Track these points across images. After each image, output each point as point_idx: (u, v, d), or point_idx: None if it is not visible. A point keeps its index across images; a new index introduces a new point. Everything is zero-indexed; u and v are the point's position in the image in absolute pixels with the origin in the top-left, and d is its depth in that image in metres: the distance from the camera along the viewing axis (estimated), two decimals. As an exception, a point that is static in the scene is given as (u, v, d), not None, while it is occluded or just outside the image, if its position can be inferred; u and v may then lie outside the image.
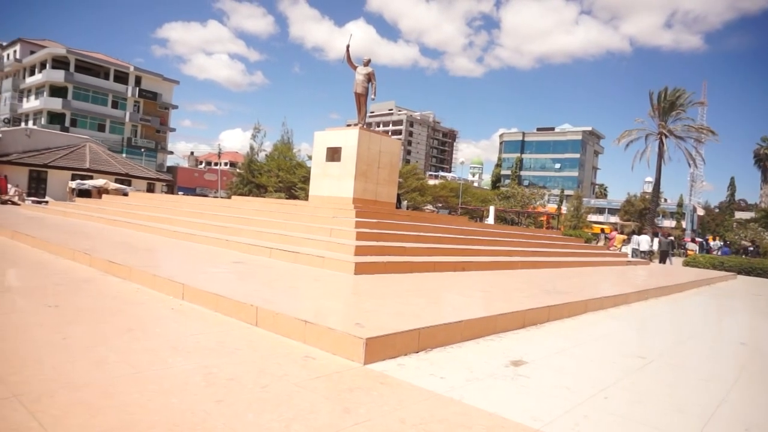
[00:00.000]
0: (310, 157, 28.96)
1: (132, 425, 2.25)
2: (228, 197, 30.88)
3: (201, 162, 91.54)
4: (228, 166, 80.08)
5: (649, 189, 62.32)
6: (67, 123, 54.12)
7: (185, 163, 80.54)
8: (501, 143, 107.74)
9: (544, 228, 42.88)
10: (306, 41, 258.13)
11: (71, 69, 55.16)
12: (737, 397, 3.58)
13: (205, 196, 41.05)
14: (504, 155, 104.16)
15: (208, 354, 3.36)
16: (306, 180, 28.30)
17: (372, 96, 13.14)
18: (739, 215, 71.72)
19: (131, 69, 59.70)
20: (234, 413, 2.47)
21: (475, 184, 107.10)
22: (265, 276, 6.26)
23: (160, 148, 62.73)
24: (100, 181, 26.72)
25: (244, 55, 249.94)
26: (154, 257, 7.46)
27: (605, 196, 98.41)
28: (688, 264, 21.76)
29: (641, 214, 62.13)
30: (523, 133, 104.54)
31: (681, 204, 75.08)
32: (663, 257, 23.24)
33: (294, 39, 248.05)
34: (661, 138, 39.27)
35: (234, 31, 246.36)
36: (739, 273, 19.43)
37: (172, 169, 59.86)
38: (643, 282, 10.74)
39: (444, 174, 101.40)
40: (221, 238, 9.08)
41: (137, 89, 59.61)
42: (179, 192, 46.63)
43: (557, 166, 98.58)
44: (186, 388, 2.72)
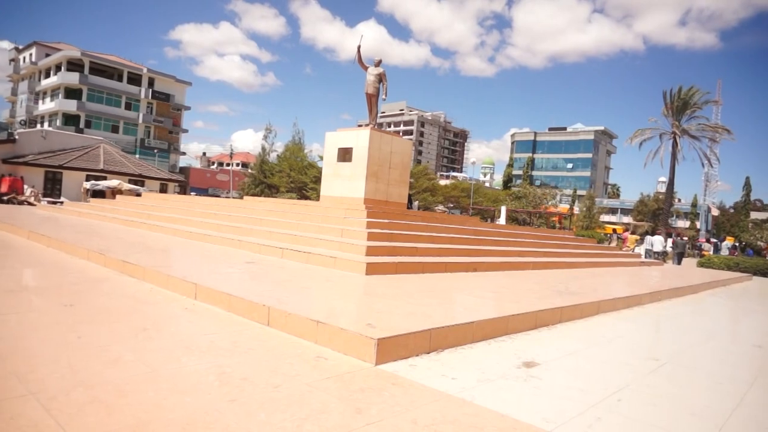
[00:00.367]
0: (321, 158, 29.04)
1: (146, 423, 2.28)
2: (240, 197, 31.07)
3: (213, 163, 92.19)
4: (240, 166, 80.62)
5: (663, 189, 61.70)
6: (82, 124, 54.85)
7: (197, 164, 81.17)
8: (512, 143, 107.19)
9: (557, 228, 42.60)
10: (317, 42, 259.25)
11: (86, 71, 55.86)
12: (753, 401, 3.53)
13: (217, 196, 41.36)
14: (515, 155, 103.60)
15: (221, 354, 3.38)
16: (317, 180, 28.41)
17: (383, 96, 13.15)
18: (755, 215, 70.69)
19: (144, 71, 60.31)
20: (247, 413, 2.49)
21: (487, 184, 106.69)
22: (277, 276, 6.30)
23: (172, 149, 63.29)
24: (113, 182, 27.05)
25: (255, 56, 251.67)
26: (167, 257, 7.53)
27: (618, 196, 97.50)
28: (702, 265, 21.50)
29: (654, 214, 61.50)
30: (535, 133, 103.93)
31: (695, 204, 74.23)
32: (679, 258, 23.04)
33: (305, 40, 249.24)
34: (675, 137, 38.83)
35: (246, 33, 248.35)
36: (755, 274, 19.17)
37: (184, 170, 60.33)
38: (657, 283, 10.63)
39: (455, 174, 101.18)
40: (233, 238, 9.14)
41: (150, 91, 60.21)
42: (192, 192, 47.03)
43: (569, 165, 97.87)
44: (199, 387, 2.75)
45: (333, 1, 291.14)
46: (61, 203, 21.96)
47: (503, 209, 39.93)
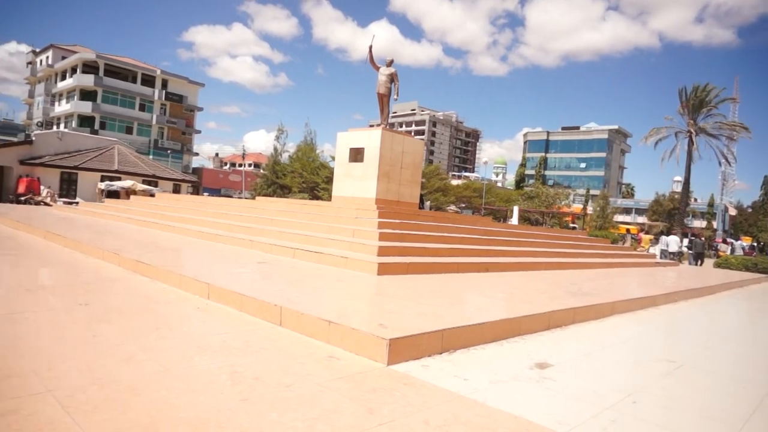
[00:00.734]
0: (333, 158, 29.12)
1: (159, 422, 2.29)
2: (252, 198, 31.25)
3: (225, 163, 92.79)
4: (252, 167, 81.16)
5: (678, 188, 60.94)
6: (97, 126, 55.58)
7: (210, 165, 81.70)
8: (525, 142, 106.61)
9: (569, 228, 42.26)
10: (329, 42, 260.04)
11: (100, 73, 56.58)
12: (772, 404, 3.47)
13: (230, 196, 41.65)
14: (528, 155, 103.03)
15: (233, 353, 3.40)
16: (329, 180, 28.46)
17: (395, 96, 13.15)
18: (773, 215, 69.49)
19: (158, 72, 60.95)
20: (258, 412, 2.49)
21: (499, 184, 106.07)
22: (289, 276, 6.32)
23: (185, 149, 63.87)
24: (127, 183, 27.37)
25: (268, 57, 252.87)
26: (180, 257, 7.59)
27: (632, 195, 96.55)
28: (719, 265, 21.20)
29: (670, 214, 60.80)
30: (548, 132, 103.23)
31: (712, 204, 73.22)
32: (697, 259, 22.77)
33: (317, 40, 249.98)
34: (691, 136, 38.31)
35: (258, 34, 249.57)
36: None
37: (197, 171, 60.84)
38: (672, 284, 10.50)
39: (467, 174, 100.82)
40: (246, 238, 9.19)
41: (164, 92, 60.83)
42: (204, 193, 47.38)
43: (583, 165, 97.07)
44: (212, 386, 2.76)
45: (345, 2, 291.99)
46: (77, 203, 22.28)
47: (515, 209, 39.74)
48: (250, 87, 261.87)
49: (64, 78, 59.87)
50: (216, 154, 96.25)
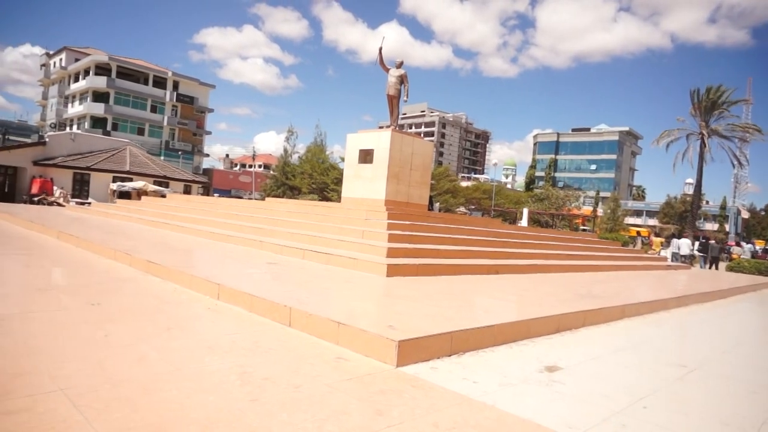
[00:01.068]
0: (342, 159, 29.16)
1: (170, 421, 2.31)
2: (262, 199, 31.41)
3: (236, 164, 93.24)
4: (262, 168, 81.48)
5: (690, 191, 60.30)
6: (109, 127, 56.15)
7: (221, 166, 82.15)
8: (535, 144, 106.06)
9: (581, 231, 42.01)
10: (339, 44, 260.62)
11: (113, 75, 57.19)
12: (786, 409, 3.42)
13: (240, 197, 41.85)
14: (538, 156, 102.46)
15: (243, 353, 3.41)
16: (338, 181, 28.50)
17: (404, 98, 13.16)
18: (788, 218, 68.62)
19: (169, 74, 61.46)
20: (268, 413, 2.50)
21: (509, 185, 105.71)
22: (299, 277, 6.34)
23: (196, 150, 64.34)
24: (139, 183, 27.63)
25: (278, 59, 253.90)
26: (191, 258, 7.64)
27: (643, 198, 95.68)
28: (731, 269, 20.96)
29: (681, 216, 60.23)
30: (558, 134, 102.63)
31: (724, 206, 72.47)
32: (713, 262, 22.60)
33: (328, 42, 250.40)
34: (703, 138, 37.93)
35: (269, 36, 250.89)
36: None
37: (207, 172, 61.20)
38: (684, 287, 10.39)
39: (476, 176, 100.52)
40: (256, 239, 9.24)
41: (175, 94, 61.33)
42: (215, 194, 47.66)
43: (593, 167, 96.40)
44: (222, 386, 2.78)
45: (355, 3, 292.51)
46: (89, 204, 22.51)
47: (525, 211, 39.56)
48: (260, 88, 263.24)
49: (77, 80, 60.56)
50: (226, 155, 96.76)
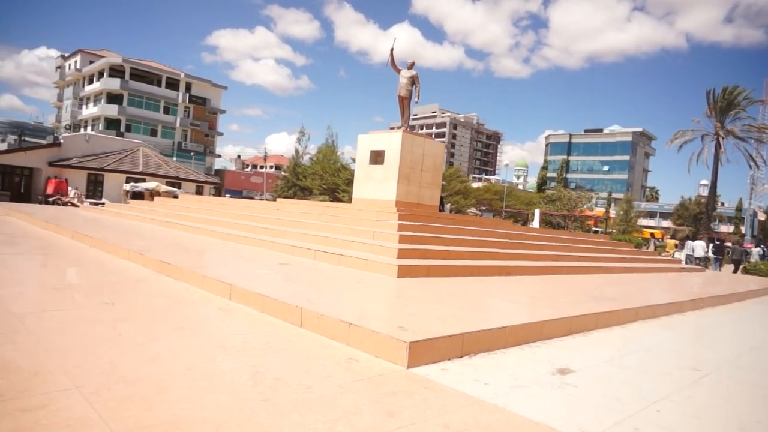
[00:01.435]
0: (353, 160, 29.20)
1: (183, 420, 2.33)
2: (273, 200, 31.55)
3: (247, 165, 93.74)
4: (273, 169, 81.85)
5: (705, 192, 59.55)
6: (123, 128, 56.76)
7: (232, 167, 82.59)
8: (547, 145, 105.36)
9: (594, 232, 41.67)
10: (351, 45, 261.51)
11: (126, 77, 57.81)
12: (804, 415, 3.36)
13: (251, 198, 42.08)
14: (550, 157, 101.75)
15: (254, 353, 3.43)
16: (349, 182, 28.55)
17: (416, 99, 13.15)
18: (805, 220, 67.46)
19: (182, 76, 61.98)
20: (280, 413, 2.51)
21: (520, 186, 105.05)
22: (310, 278, 6.35)
23: (208, 151, 64.80)
24: (152, 184, 27.89)
25: (290, 60, 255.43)
26: (203, 258, 7.70)
27: (657, 199, 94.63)
28: (748, 271, 20.66)
29: (696, 218, 59.49)
30: (570, 135, 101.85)
31: (740, 208, 71.37)
32: (736, 266, 22.37)
33: (339, 43, 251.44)
34: (718, 138, 37.44)
35: (281, 37, 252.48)
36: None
37: (219, 172, 61.58)
38: (698, 290, 10.26)
39: (488, 177, 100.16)
40: (267, 239, 9.28)
41: (187, 95, 61.84)
42: (226, 194, 47.97)
43: (605, 168, 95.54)
44: (234, 386, 2.80)
45: (367, 4, 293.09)
46: (103, 204, 22.75)
47: (537, 212, 39.33)
48: (272, 89, 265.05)
49: (91, 82, 61.28)
50: (238, 156, 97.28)
